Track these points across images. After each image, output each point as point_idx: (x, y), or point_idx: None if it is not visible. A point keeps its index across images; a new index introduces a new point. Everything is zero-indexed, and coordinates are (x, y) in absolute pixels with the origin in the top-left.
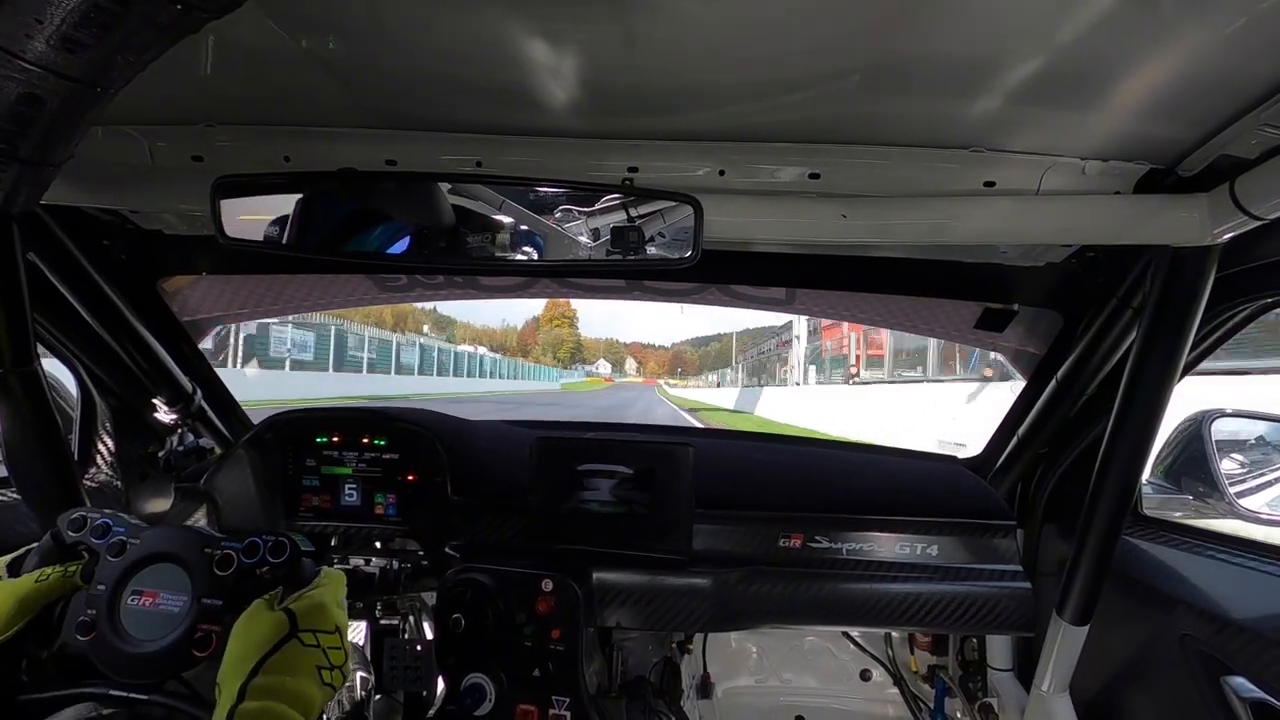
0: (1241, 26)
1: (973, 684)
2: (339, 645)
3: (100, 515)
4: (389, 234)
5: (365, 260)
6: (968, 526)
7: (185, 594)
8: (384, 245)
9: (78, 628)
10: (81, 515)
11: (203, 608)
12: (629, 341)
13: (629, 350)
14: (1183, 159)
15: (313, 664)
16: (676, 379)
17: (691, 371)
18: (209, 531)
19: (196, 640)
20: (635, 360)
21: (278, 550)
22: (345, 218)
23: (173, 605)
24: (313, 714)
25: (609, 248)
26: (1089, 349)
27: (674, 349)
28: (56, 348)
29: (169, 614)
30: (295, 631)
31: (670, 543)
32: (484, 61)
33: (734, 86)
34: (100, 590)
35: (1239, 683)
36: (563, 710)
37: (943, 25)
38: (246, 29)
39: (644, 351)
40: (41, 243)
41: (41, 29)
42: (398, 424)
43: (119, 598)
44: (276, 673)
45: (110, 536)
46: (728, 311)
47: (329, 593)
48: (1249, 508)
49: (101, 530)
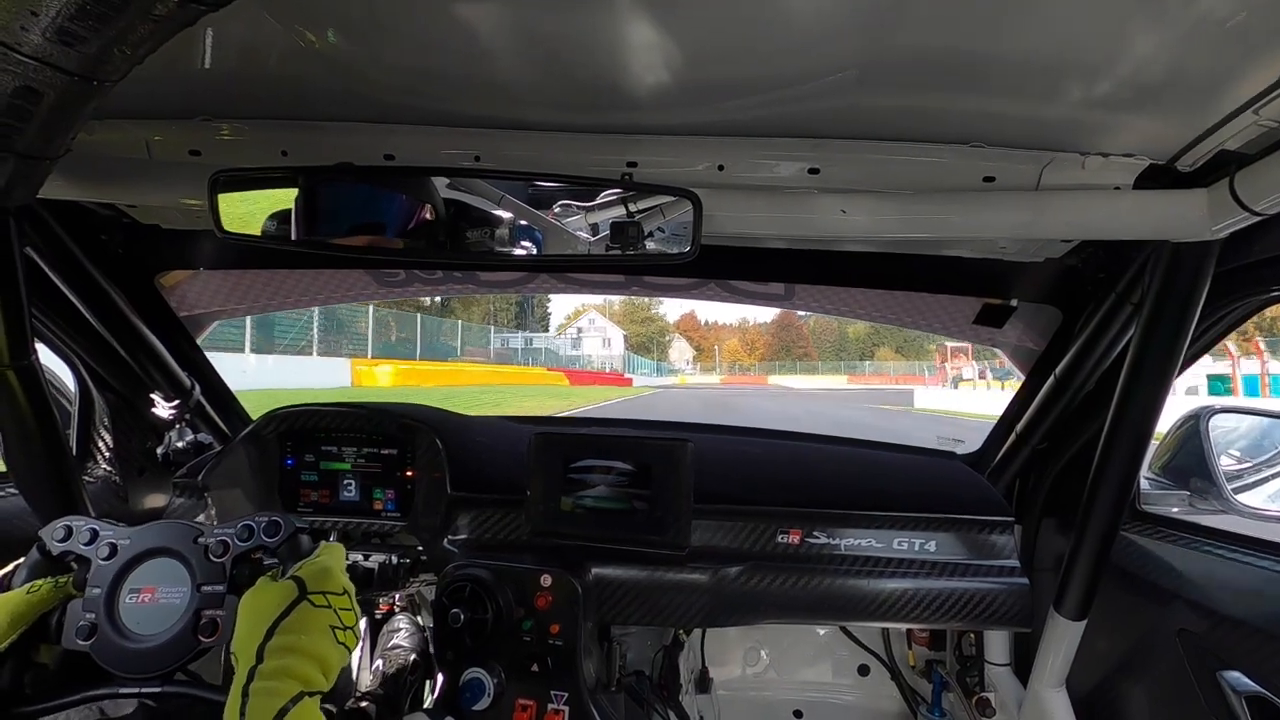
0: (1240, 21)
1: (970, 679)
2: (349, 607)
3: (86, 522)
4: (387, 228)
5: (363, 255)
6: (966, 522)
7: (184, 585)
8: (382, 239)
9: (78, 633)
10: (66, 525)
11: (204, 595)
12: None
13: (679, 329)
14: (1182, 154)
15: (326, 623)
16: (786, 371)
17: (802, 356)
18: (200, 524)
19: (201, 627)
20: (688, 342)
21: (272, 530)
22: (343, 212)
23: (173, 597)
24: (331, 673)
25: (608, 243)
26: (1088, 344)
27: (747, 326)
28: (54, 343)
29: (170, 606)
30: (305, 594)
31: (668, 538)
32: (483, 55)
33: (733, 81)
34: (96, 593)
35: (1235, 677)
36: (561, 705)
37: (941, 20)
38: (243, 22)
39: (703, 332)
40: (39, 237)
41: (38, 21)
42: (396, 420)
43: (116, 598)
44: (292, 632)
45: (99, 541)
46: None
47: (333, 559)
48: (1247, 503)
49: (89, 536)
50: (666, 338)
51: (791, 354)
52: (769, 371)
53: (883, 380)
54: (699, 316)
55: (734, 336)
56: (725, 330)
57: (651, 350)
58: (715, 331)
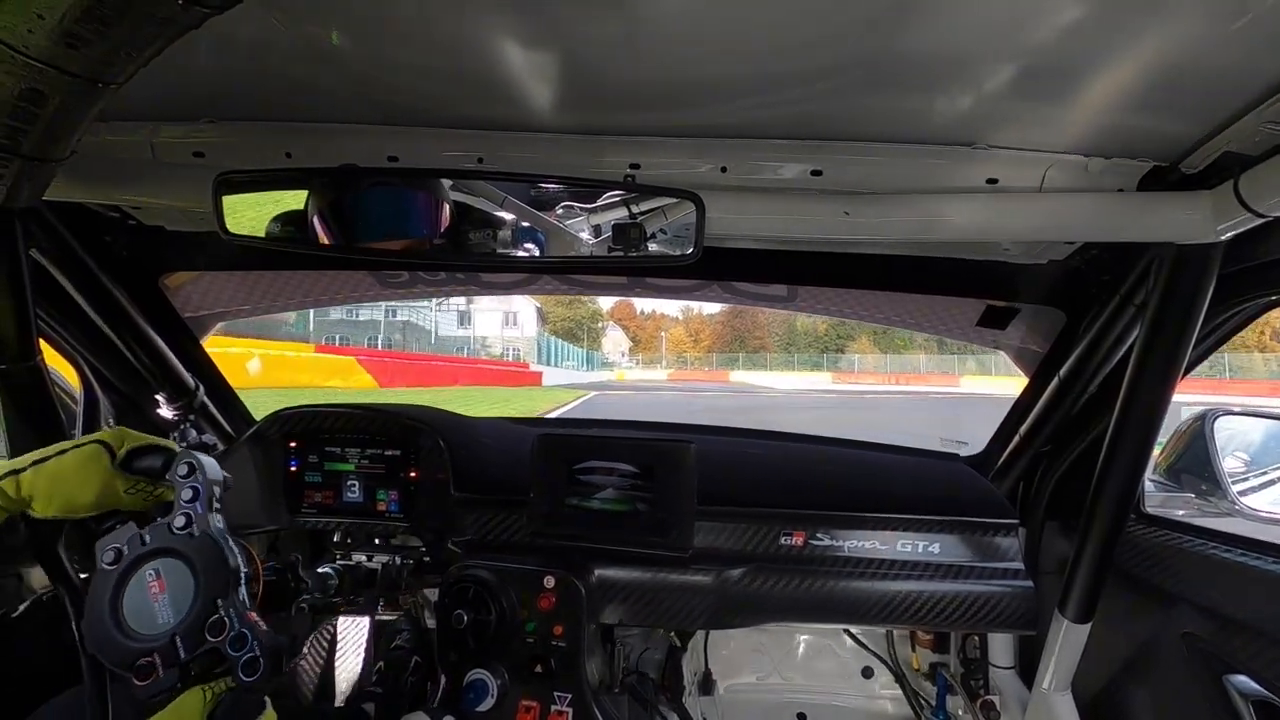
0: (1245, 23)
1: (974, 681)
2: None
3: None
4: (391, 230)
5: (367, 256)
6: (970, 524)
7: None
8: (386, 241)
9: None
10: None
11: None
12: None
13: (614, 316)
14: (1186, 156)
15: None
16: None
17: (758, 348)
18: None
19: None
20: (624, 331)
21: (238, 644)
22: (347, 213)
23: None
24: None
25: (610, 244)
26: (1091, 346)
27: (691, 315)
28: (59, 344)
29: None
30: None
31: (672, 540)
32: (486, 57)
33: (736, 83)
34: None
35: (1241, 681)
36: (565, 706)
37: (945, 21)
38: (248, 24)
39: (639, 321)
40: (44, 239)
41: (44, 24)
42: (400, 421)
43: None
44: None
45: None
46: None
47: None
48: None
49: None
50: (599, 325)
51: (746, 345)
52: (726, 365)
53: (879, 379)
54: (635, 305)
55: (676, 326)
56: (665, 320)
57: (581, 338)
58: (655, 321)
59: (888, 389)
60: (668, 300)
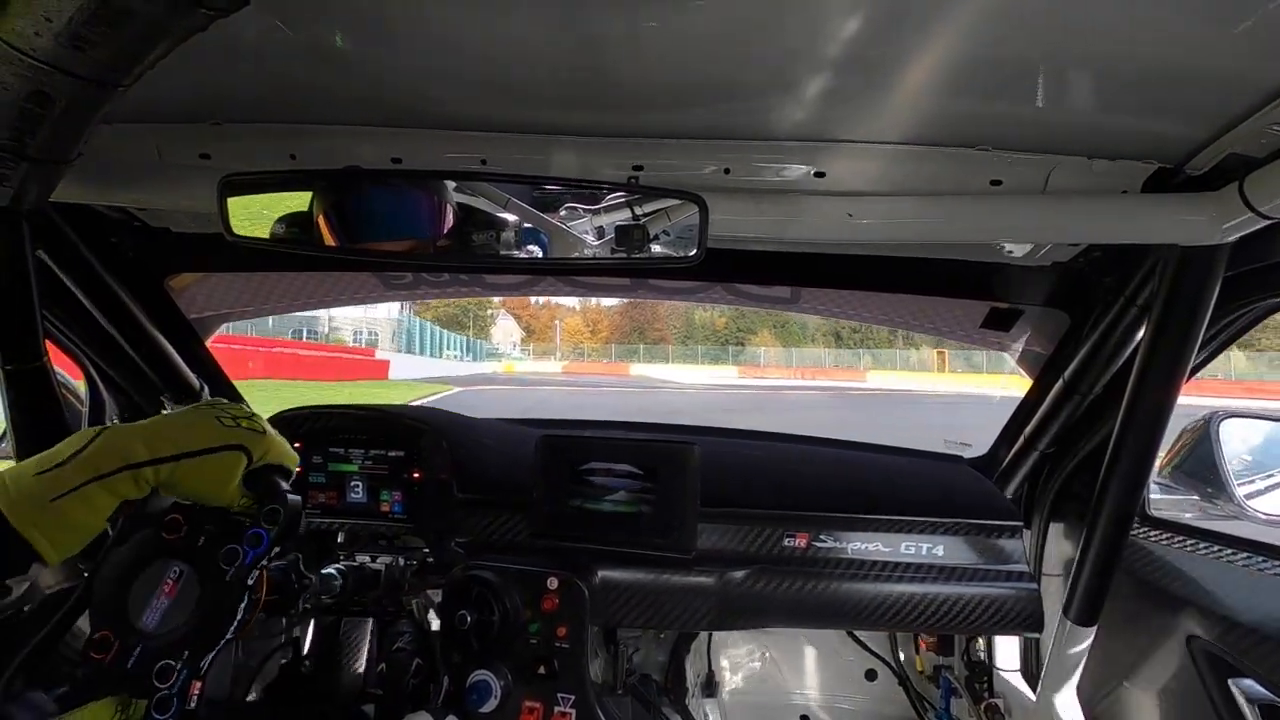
0: (1250, 25)
1: (979, 684)
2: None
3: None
4: (394, 231)
5: (371, 258)
6: (974, 527)
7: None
8: (390, 242)
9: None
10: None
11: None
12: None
13: (505, 305)
14: (1191, 158)
15: None
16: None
17: (658, 339)
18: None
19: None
20: (516, 320)
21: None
22: (351, 215)
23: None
24: None
25: (613, 246)
26: (1096, 349)
27: (588, 305)
28: (66, 344)
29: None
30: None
31: (674, 541)
32: (489, 59)
33: (739, 84)
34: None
35: (1248, 685)
36: (568, 708)
37: (948, 22)
38: (254, 27)
39: (533, 311)
40: (50, 240)
41: (51, 27)
42: (404, 422)
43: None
44: None
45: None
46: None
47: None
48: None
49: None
50: (488, 313)
51: (646, 337)
52: (626, 357)
53: (785, 374)
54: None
55: (572, 316)
56: (560, 309)
57: (467, 325)
58: (549, 310)
59: (800, 384)
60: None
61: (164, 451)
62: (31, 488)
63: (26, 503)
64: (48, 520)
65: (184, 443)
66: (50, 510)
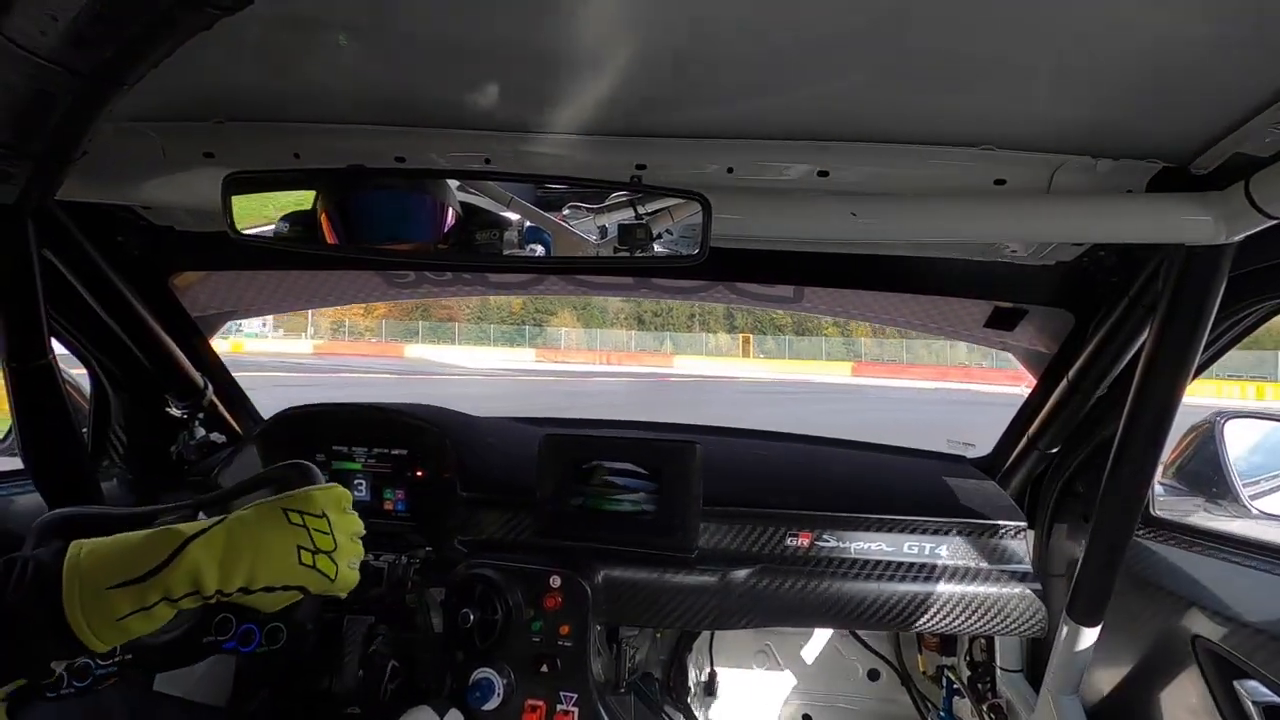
0: (1257, 23)
1: (981, 685)
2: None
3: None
4: (397, 230)
5: (374, 256)
6: (977, 527)
7: None
8: (393, 241)
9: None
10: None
11: None
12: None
13: None
14: (1196, 157)
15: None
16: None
17: (446, 318)
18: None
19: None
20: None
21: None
22: (354, 214)
23: None
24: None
25: (617, 245)
26: (1100, 348)
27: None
28: (70, 342)
29: None
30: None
31: (677, 540)
32: (493, 58)
33: (743, 83)
34: None
35: (1253, 686)
36: (570, 706)
37: (953, 21)
38: (258, 25)
39: None
40: (55, 239)
41: (55, 25)
42: (407, 421)
43: None
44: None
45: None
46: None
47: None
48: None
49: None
50: None
51: (431, 315)
52: (402, 337)
53: (589, 357)
54: None
55: None
56: None
57: None
58: None
59: (605, 370)
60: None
61: (233, 584)
62: (101, 601)
63: (96, 615)
64: (108, 630)
65: (254, 575)
66: (115, 626)
